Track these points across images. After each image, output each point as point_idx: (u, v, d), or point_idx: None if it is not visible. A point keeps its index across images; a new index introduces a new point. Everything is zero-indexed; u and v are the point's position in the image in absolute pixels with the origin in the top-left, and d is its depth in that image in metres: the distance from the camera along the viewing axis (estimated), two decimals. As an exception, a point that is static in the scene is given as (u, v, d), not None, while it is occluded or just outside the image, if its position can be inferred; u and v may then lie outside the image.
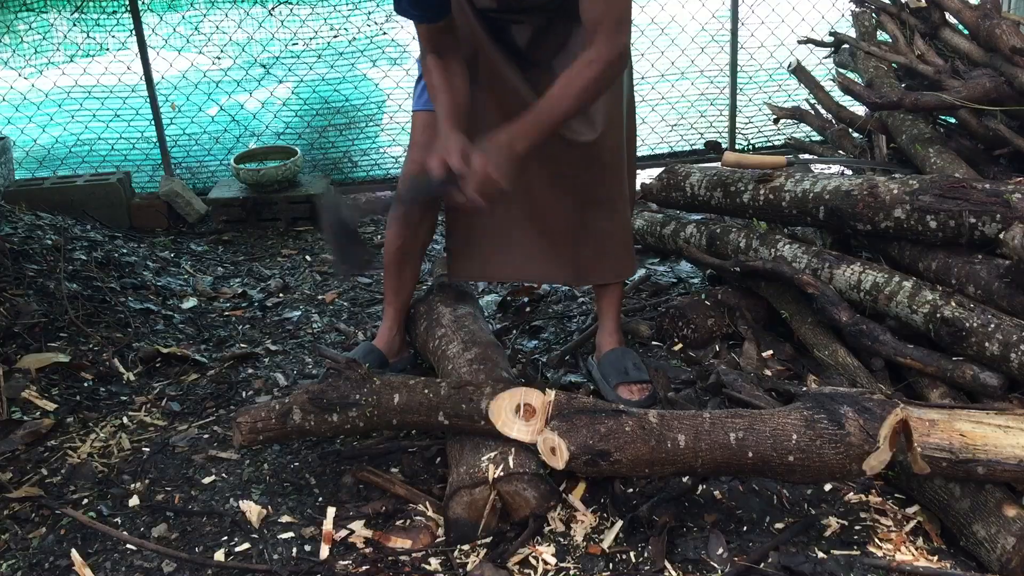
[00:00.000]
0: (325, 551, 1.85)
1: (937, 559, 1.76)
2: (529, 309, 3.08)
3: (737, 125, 4.76)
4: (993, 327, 2.00)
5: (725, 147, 4.69)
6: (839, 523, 1.86)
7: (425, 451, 2.19)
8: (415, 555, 1.82)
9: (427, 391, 1.99)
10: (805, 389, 2.15)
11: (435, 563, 1.80)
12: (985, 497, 1.73)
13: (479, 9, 2.18)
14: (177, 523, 1.99)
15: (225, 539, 1.93)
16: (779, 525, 1.87)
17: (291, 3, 4.48)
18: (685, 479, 1.97)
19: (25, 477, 2.18)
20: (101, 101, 4.44)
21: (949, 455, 1.70)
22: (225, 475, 2.17)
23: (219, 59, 4.56)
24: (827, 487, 1.97)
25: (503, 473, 1.84)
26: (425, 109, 2.38)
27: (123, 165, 4.43)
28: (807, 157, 3.52)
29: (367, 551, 1.85)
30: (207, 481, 2.15)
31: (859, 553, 1.77)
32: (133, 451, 2.28)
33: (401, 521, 1.94)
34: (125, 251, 3.62)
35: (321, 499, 2.04)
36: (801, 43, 3.88)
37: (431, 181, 2.01)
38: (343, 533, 1.90)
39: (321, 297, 3.34)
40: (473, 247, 2.51)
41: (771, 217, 2.74)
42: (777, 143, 4.74)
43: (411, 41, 4.61)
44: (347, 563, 1.81)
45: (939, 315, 2.11)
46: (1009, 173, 2.68)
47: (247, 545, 1.90)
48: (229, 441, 2.28)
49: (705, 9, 4.74)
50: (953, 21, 3.28)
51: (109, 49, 4.48)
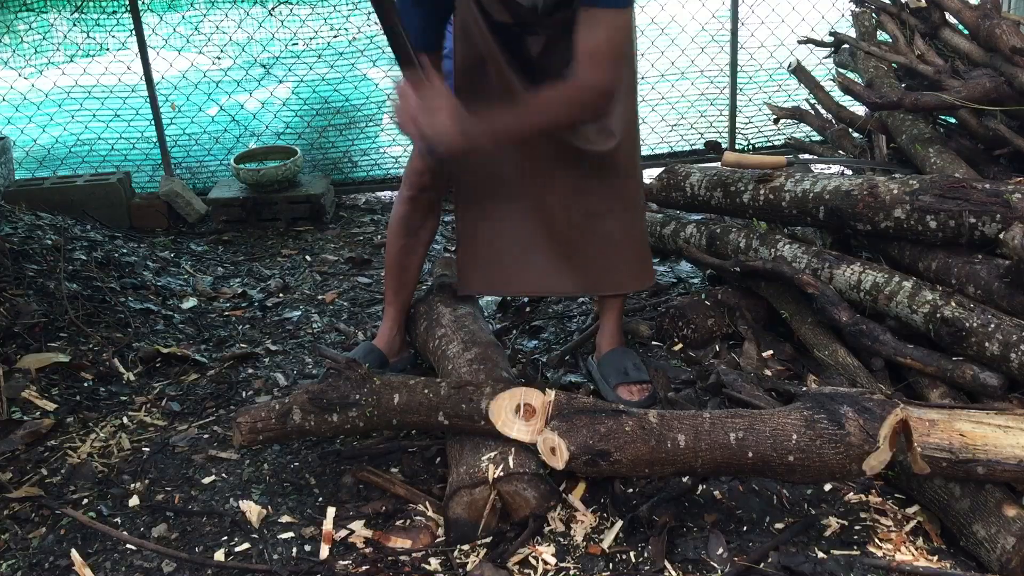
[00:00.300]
0: (325, 551, 1.85)
1: (937, 559, 1.76)
2: (529, 309, 3.08)
3: (737, 125, 4.75)
4: (993, 327, 2.00)
5: (725, 147, 4.68)
6: (839, 523, 1.86)
7: (425, 451, 2.19)
8: (415, 555, 1.82)
9: (427, 391, 1.99)
10: (805, 389, 2.15)
11: (435, 563, 1.80)
12: (985, 497, 1.73)
13: (495, 22, 2.17)
14: (177, 523, 1.99)
15: (225, 539, 1.93)
16: (779, 525, 1.87)
17: (291, 3, 4.48)
18: (685, 479, 1.97)
19: (25, 477, 2.18)
20: (101, 101, 4.44)
21: (949, 455, 1.70)
22: (225, 475, 2.17)
23: (219, 59, 4.56)
24: (827, 487, 1.97)
25: (503, 473, 1.84)
26: None
27: (123, 165, 4.43)
28: (807, 157, 3.52)
29: (367, 551, 1.85)
30: (207, 481, 2.15)
31: (859, 553, 1.77)
32: (133, 451, 2.28)
33: (401, 521, 1.94)
34: (125, 251, 3.62)
35: (321, 499, 2.04)
36: (801, 43, 3.88)
37: (408, 48, 1.87)
38: (343, 533, 1.90)
39: (321, 297, 3.34)
40: (484, 260, 2.47)
41: (771, 217, 2.74)
42: (777, 143, 4.74)
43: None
44: (347, 563, 1.81)
45: (939, 315, 2.11)
46: (1009, 173, 2.68)
47: (247, 545, 1.90)
48: (229, 441, 2.29)
49: (705, 9, 4.74)
50: (953, 21, 3.28)
51: (109, 49, 4.48)
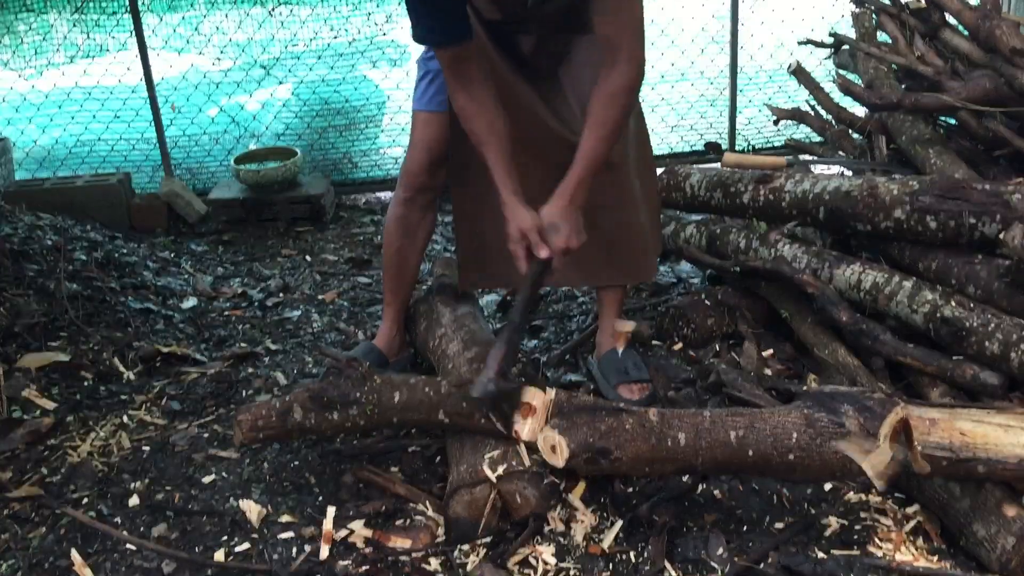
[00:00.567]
0: (325, 551, 1.84)
1: (937, 559, 1.76)
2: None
3: (737, 126, 4.75)
4: (993, 327, 2.00)
5: (725, 148, 4.69)
6: (839, 523, 1.86)
7: (425, 450, 2.19)
8: (415, 555, 1.82)
9: (428, 389, 1.99)
10: (806, 388, 2.15)
11: (435, 563, 1.80)
12: (985, 497, 1.73)
13: (486, 20, 2.18)
14: (177, 523, 1.99)
15: (225, 539, 1.93)
16: (779, 525, 1.87)
17: (291, 3, 4.48)
18: (685, 478, 1.97)
19: (25, 476, 2.18)
20: (101, 102, 4.43)
21: (950, 454, 1.69)
22: (225, 474, 2.17)
23: (219, 60, 4.57)
24: (827, 486, 1.97)
25: (504, 472, 1.84)
26: (426, 110, 2.38)
27: (123, 166, 4.42)
28: (807, 158, 3.52)
29: (367, 551, 1.85)
30: (207, 480, 2.14)
31: (859, 553, 1.77)
32: (133, 450, 2.28)
33: (401, 521, 1.94)
34: (125, 251, 3.62)
35: (321, 498, 2.04)
36: (801, 44, 3.88)
37: (530, 278, 2.05)
38: (343, 533, 1.90)
39: (321, 297, 3.34)
40: (483, 257, 2.47)
41: (771, 217, 2.74)
42: (777, 144, 4.74)
43: (411, 42, 4.60)
44: (347, 563, 1.81)
45: (939, 315, 2.11)
46: (1009, 174, 2.68)
47: (247, 545, 1.90)
48: (229, 440, 2.28)
49: (705, 10, 4.74)
50: (953, 22, 3.28)
51: (109, 50, 4.49)
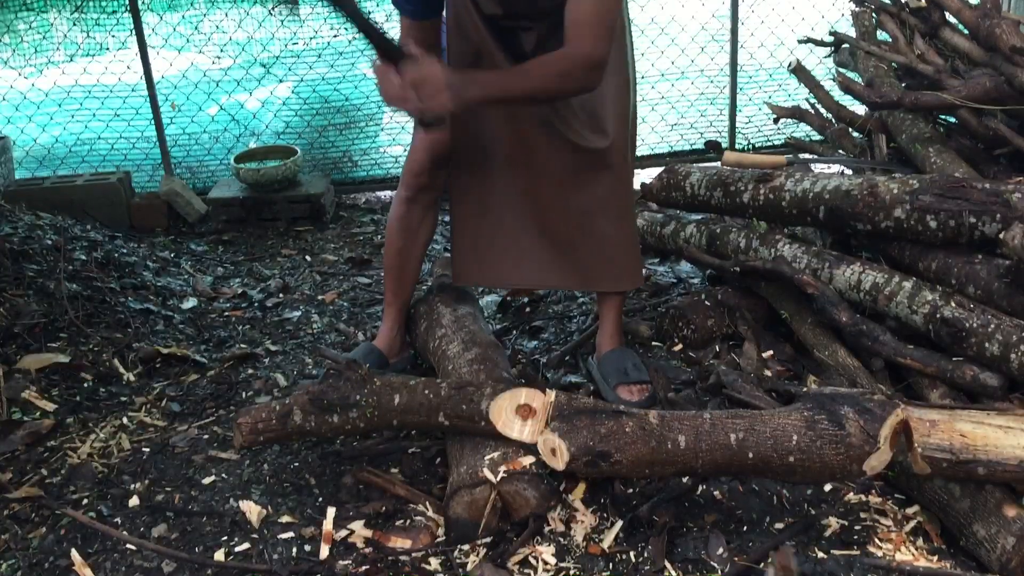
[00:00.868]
0: (325, 551, 1.85)
1: (937, 559, 1.76)
2: (529, 309, 3.08)
3: (737, 124, 4.75)
4: (993, 327, 2.00)
5: (725, 146, 4.69)
6: (839, 523, 1.86)
7: (425, 451, 2.19)
8: (415, 555, 1.82)
9: (427, 392, 1.99)
10: (806, 390, 2.15)
11: (435, 563, 1.80)
12: (985, 497, 1.73)
13: (486, 15, 2.18)
14: (177, 523, 1.99)
15: (225, 539, 1.93)
16: (779, 525, 1.87)
17: (291, 2, 4.48)
18: (685, 479, 1.97)
19: (25, 477, 2.18)
20: (101, 101, 4.44)
21: (950, 456, 1.69)
22: (225, 475, 2.17)
23: (219, 58, 4.56)
24: (827, 487, 1.97)
25: (505, 474, 1.84)
26: None
27: (123, 165, 4.43)
28: (807, 156, 3.52)
29: (367, 551, 1.85)
30: (207, 481, 2.14)
31: (859, 553, 1.77)
32: (133, 451, 2.28)
33: (401, 521, 1.94)
34: (125, 251, 3.61)
35: (321, 499, 2.04)
36: (801, 42, 3.88)
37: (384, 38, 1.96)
38: (343, 533, 1.90)
39: (321, 297, 3.34)
40: (479, 252, 2.48)
41: (771, 217, 2.73)
42: (777, 142, 4.74)
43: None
44: (347, 563, 1.81)
45: (939, 315, 2.11)
46: (1009, 172, 2.68)
47: (247, 545, 1.90)
48: (229, 441, 2.28)
49: (705, 9, 4.74)
50: (953, 21, 3.27)
51: (109, 49, 4.49)
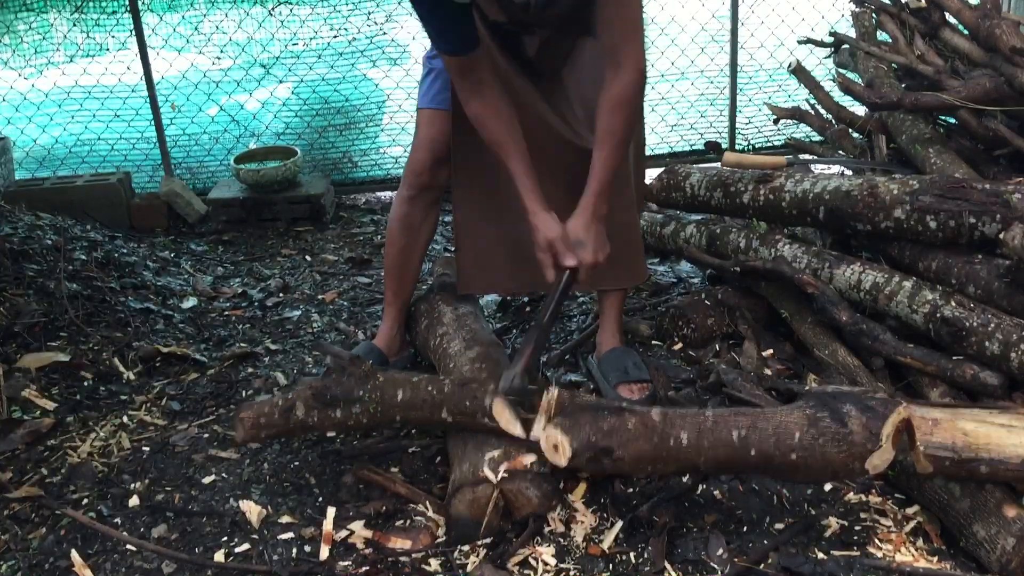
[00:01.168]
0: (325, 551, 1.84)
1: (937, 560, 1.76)
2: (529, 309, 3.08)
3: (737, 125, 4.75)
4: (993, 327, 2.00)
5: (725, 147, 4.68)
6: (839, 523, 1.86)
7: (425, 450, 2.19)
8: (415, 555, 1.82)
9: (431, 388, 1.98)
10: (807, 388, 2.15)
11: (435, 564, 1.80)
12: (985, 497, 1.73)
13: (490, 21, 2.18)
14: (177, 523, 1.99)
15: (225, 539, 1.92)
16: (779, 525, 1.87)
17: (291, 3, 4.48)
18: (685, 479, 1.97)
19: (25, 477, 2.18)
20: (101, 101, 4.43)
21: (952, 454, 1.69)
22: (225, 475, 2.17)
23: (219, 59, 4.56)
24: (827, 487, 1.97)
25: (506, 472, 1.84)
26: (430, 107, 2.37)
27: (123, 165, 4.43)
28: (807, 157, 3.52)
29: (367, 551, 1.85)
30: (207, 481, 2.14)
31: (859, 554, 1.76)
32: (133, 451, 2.28)
33: (401, 521, 1.94)
34: (125, 251, 3.61)
35: (321, 499, 2.04)
36: (801, 43, 3.88)
37: (558, 287, 2.09)
38: (343, 533, 1.90)
39: (321, 297, 3.34)
40: (483, 261, 2.47)
41: (771, 217, 2.73)
42: (777, 143, 4.74)
43: (411, 41, 4.60)
44: (347, 563, 1.81)
45: (939, 315, 2.11)
46: (1009, 173, 2.68)
47: (247, 545, 1.90)
48: (229, 440, 2.28)
49: (705, 9, 4.74)
50: (953, 21, 3.28)
51: (109, 49, 4.48)
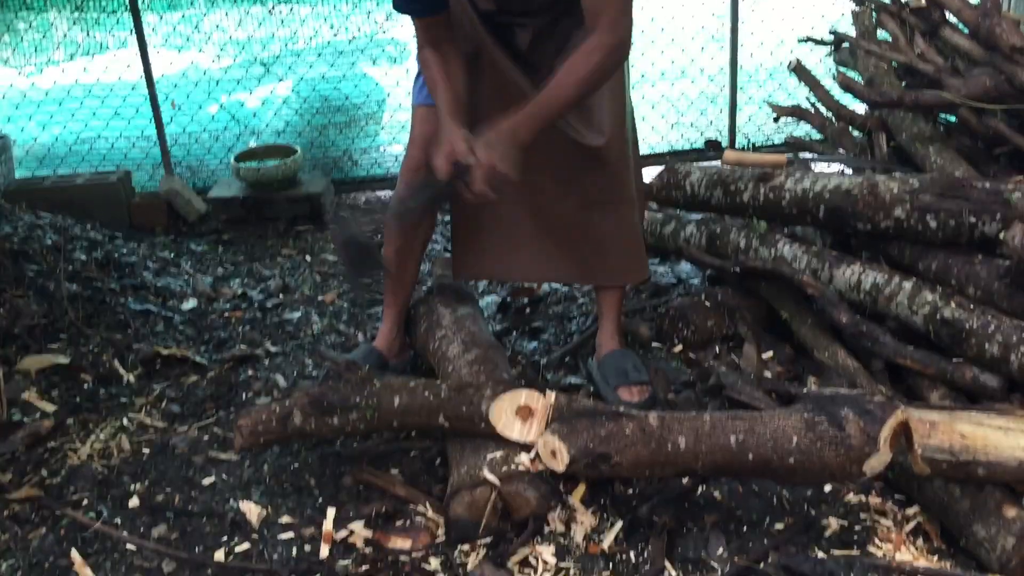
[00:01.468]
0: (325, 551, 1.85)
1: (937, 559, 1.76)
2: (529, 310, 3.08)
3: (737, 123, 4.74)
4: (993, 328, 2.00)
5: (725, 146, 4.68)
6: (839, 523, 1.86)
7: (425, 452, 2.19)
8: (415, 555, 1.82)
9: (427, 393, 1.98)
10: (806, 391, 2.15)
11: (435, 563, 1.80)
12: (985, 498, 1.73)
13: (481, 12, 2.18)
14: (177, 523, 1.99)
15: (225, 539, 1.93)
16: (779, 525, 1.87)
17: (291, 2, 4.48)
18: (685, 480, 1.97)
19: (25, 478, 2.18)
20: (101, 99, 4.43)
21: (950, 457, 1.69)
22: (225, 476, 2.17)
23: (219, 57, 4.56)
24: (827, 488, 1.97)
25: (504, 474, 1.84)
26: (425, 104, 2.38)
27: (123, 164, 4.42)
28: (807, 155, 3.52)
29: (367, 551, 1.85)
30: (207, 482, 2.14)
31: (859, 553, 1.77)
32: (133, 452, 2.28)
33: (401, 521, 1.94)
34: (125, 251, 3.61)
35: (321, 500, 2.04)
36: (801, 42, 3.87)
37: (436, 181, 2.01)
38: (343, 533, 1.90)
39: (321, 298, 3.33)
40: (478, 246, 2.49)
41: (771, 216, 2.73)
42: (777, 141, 4.73)
43: (411, 39, 4.59)
44: (347, 563, 1.82)
45: (939, 316, 2.11)
46: (1009, 171, 2.67)
47: (247, 545, 1.90)
48: (229, 442, 2.28)
49: (705, 8, 4.74)
50: (953, 20, 3.27)
51: (109, 48, 4.48)
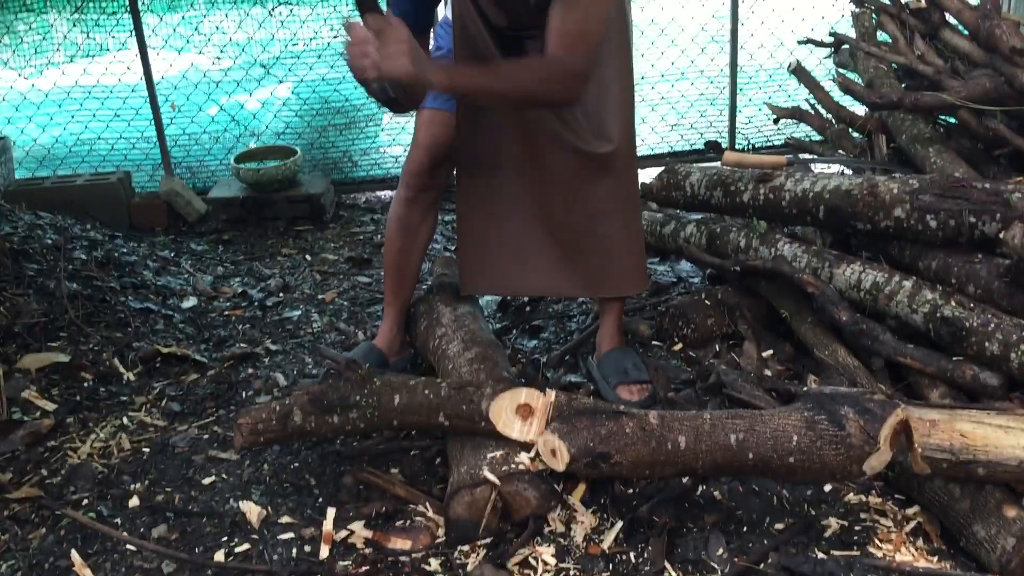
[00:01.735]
0: (325, 552, 1.85)
1: (937, 560, 1.76)
2: (529, 309, 3.08)
3: (737, 125, 4.75)
4: (993, 327, 2.00)
5: (725, 147, 4.68)
6: (839, 524, 1.86)
7: (425, 451, 2.19)
8: (415, 555, 1.82)
9: (427, 392, 1.98)
10: (806, 389, 2.14)
11: (435, 564, 1.80)
12: (985, 498, 1.73)
13: (492, 26, 2.18)
14: (177, 524, 1.99)
15: (225, 540, 1.93)
16: (779, 526, 1.87)
17: (291, 3, 4.48)
18: (685, 479, 1.97)
19: (25, 478, 2.18)
20: (101, 101, 4.43)
21: (950, 456, 1.69)
22: (225, 476, 2.17)
23: (219, 59, 4.56)
24: (827, 487, 1.97)
25: (504, 473, 1.84)
26: (431, 107, 2.38)
27: (123, 165, 4.42)
28: (807, 156, 3.52)
29: (367, 552, 1.85)
30: (207, 482, 2.14)
31: (859, 554, 1.77)
32: (133, 451, 2.28)
33: (401, 522, 1.94)
34: (125, 250, 3.61)
35: (321, 500, 2.04)
36: (801, 43, 3.88)
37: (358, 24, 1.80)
38: (343, 534, 1.90)
39: (321, 297, 3.34)
40: (485, 262, 2.47)
41: (771, 216, 2.73)
42: (777, 143, 4.73)
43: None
44: (347, 564, 1.81)
45: (939, 315, 2.11)
46: (1009, 172, 2.68)
47: (247, 546, 1.90)
48: (229, 441, 2.28)
49: (705, 10, 4.74)
50: (953, 22, 3.27)
51: (109, 49, 4.49)
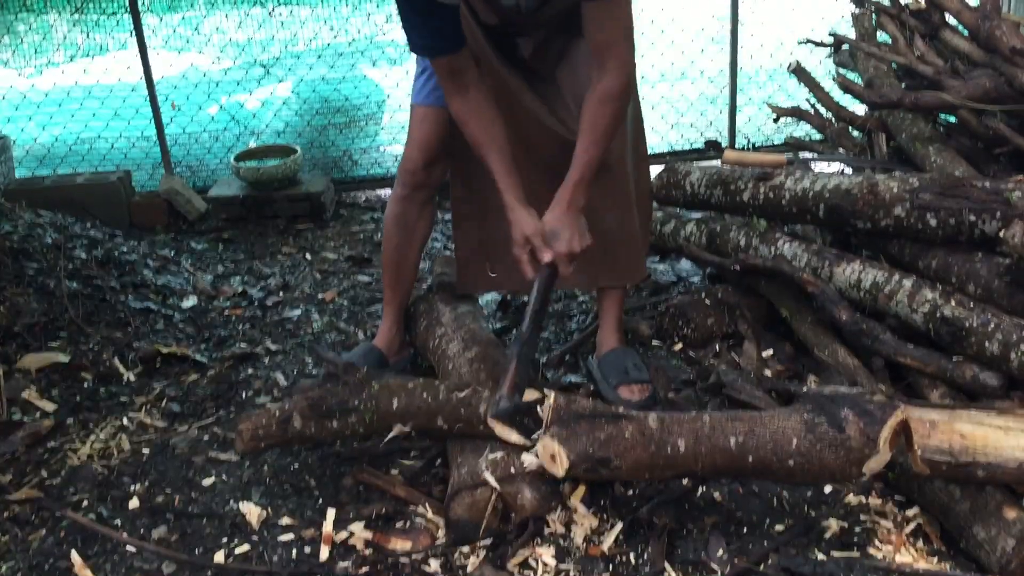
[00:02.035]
0: (325, 553, 1.85)
1: (937, 561, 1.76)
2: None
3: (737, 124, 4.74)
4: (993, 326, 2.00)
5: (725, 146, 4.68)
6: (839, 525, 1.86)
7: (425, 452, 2.19)
8: (415, 557, 1.82)
9: (426, 395, 1.98)
10: (806, 389, 2.15)
11: (435, 565, 1.80)
12: (985, 499, 1.73)
13: (483, 24, 2.17)
14: (177, 525, 1.99)
15: (225, 541, 1.93)
16: (779, 527, 1.87)
17: (291, 4, 4.47)
18: (685, 481, 1.97)
19: (25, 479, 2.18)
20: (101, 100, 4.43)
21: (949, 458, 1.69)
22: (225, 477, 2.17)
23: (219, 59, 4.56)
24: (827, 489, 1.97)
25: (504, 475, 1.84)
26: (424, 104, 2.38)
27: (123, 164, 4.42)
28: (807, 155, 3.52)
29: (367, 553, 1.85)
30: (207, 483, 2.14)
31: (859, 555, 1.77)
32: (133, 452, 2.28)
33: (401, 523, 1.94)
34: (125, 249, 3.61)
35: (321, 501, 2.04)
36: (801, 43, 3.88)
37: (538, 286, 2.07)
38: (343, 535, 1.90)
39: (321, 296, 3.34)
40: (481, 260, 2.48)
41: (771, 215, 2.73)
42: (777, 142, 4.73)
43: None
44: (347, 565, 1.81)
45: (939, 314, 2.11)
46: (1009, 171, 2.67)
47: (247, 547, 1.90)
48: (229, 442, 2.28)
49: (705, 10, 4.74)
50: (953, 22, 3.27)
51: (109, 49, 4.48)
